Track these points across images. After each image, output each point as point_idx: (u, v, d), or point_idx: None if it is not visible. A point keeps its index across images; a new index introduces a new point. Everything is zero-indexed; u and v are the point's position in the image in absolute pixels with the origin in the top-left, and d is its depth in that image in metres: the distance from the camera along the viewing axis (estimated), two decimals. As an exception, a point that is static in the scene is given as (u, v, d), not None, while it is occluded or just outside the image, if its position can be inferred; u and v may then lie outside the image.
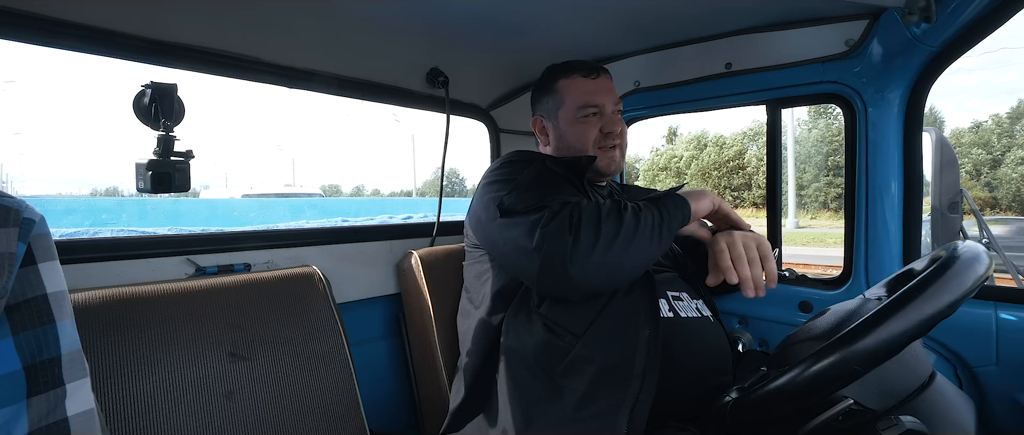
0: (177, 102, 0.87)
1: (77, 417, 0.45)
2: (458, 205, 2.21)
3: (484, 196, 0.95)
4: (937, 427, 0.69)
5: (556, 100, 1.11)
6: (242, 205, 11.90)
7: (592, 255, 0.78)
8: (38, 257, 0.46)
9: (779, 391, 0.66)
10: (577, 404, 0.81)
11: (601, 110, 1.07)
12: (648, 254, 0.83)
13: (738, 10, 1.14)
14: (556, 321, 0.88)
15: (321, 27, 1.06)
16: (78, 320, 0.49)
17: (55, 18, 0.84)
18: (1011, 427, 1.03)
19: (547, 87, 1.14)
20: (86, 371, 0.48)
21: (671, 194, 0.90)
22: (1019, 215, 20.12)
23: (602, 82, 1.09)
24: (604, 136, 1.07)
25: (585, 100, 1.07)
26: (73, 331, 0.48)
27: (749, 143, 27.02)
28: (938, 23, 0.91)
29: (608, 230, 0.79)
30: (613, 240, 0.79)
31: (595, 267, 0.78)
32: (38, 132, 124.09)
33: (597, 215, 0.80)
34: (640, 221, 0.81)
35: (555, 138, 1.13)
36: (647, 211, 0.84)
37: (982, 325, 1.04)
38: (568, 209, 0.81)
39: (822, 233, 16.05)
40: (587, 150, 1.07)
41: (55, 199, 16.79)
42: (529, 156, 1.02)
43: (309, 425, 0.90)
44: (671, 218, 0.85)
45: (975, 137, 22.53)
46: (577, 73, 1.09)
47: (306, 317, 0.97)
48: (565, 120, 1.10)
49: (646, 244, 0.81)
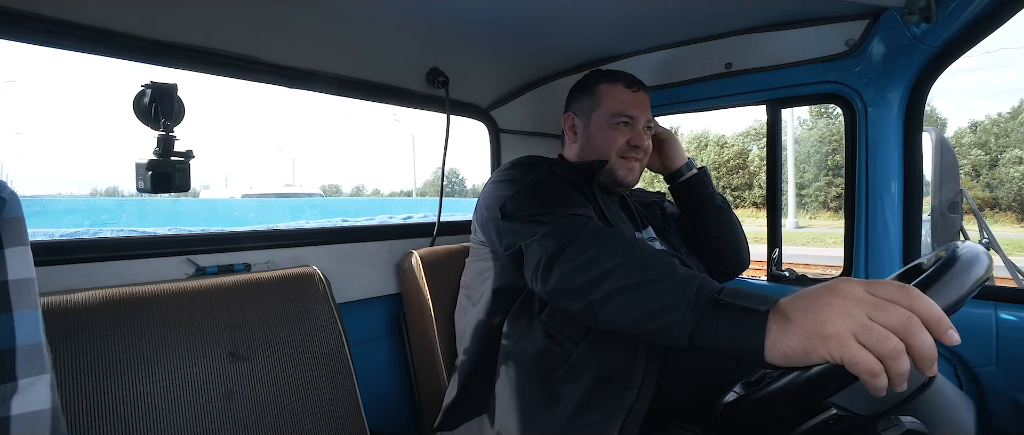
0: (177, 102, 0.87)
1: (23, 417, 0.41)
2: (458, 205, 2.21)
3: (490, 195, 0.96)
4: (937, 427, 0.69)
5: (593, 102, 1.12)
6: (241, 205, 11.90)
7: (571, 284, 0.73)
8: (5, 242, 0.43)
9: (780, 392, 0.66)
10: (572, 412, 0.81)
11: (633, 122, 1.09)
12: (637, 328, 0.66)
13: (738, 10, 1.14)
14: (556, 328, 0.88)
15: (321, 27, 1.06)
16: (78, 320, 0.47)
17: (55, 18, 0.84)
18: (1011, 427, 1.03)
19: (588, 88, 1.14)
20: (46, 367, 0.43)
21: (735, 304, 0.59)
22: (1019, 215, 20.15)
23: (640, 97, 1.10)
24: (630, 147, 1.08)
25: (621, 108, 1.08)
26: (35, 323, 0.43)
27: (751, 143, 27.04)
28: (938, 23, 0.91)
29: (593, 269, 0.70)
30: (594, 283, 0.70)
31: (569, 297, 0.74)
32: (38, 132, 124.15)
33: (591, 246, 0.74)
34: (652, 294, 0.65)
35: (582, 138, 1.14)
36: (678, 298, 0.62)
37: (982, 325, 1.04)
38: (567, 228, 0.80)
39: (821, 233, 16.07)
40: (611, 156, 1.08)
41: (55, 199, 16.78)
42: (538, 161, 1.02)
43: (309, 425, 0.90)
44: (705, 333, 0.59)
45: (974, 138, 22.55)
46: (621, 82, 1.10)
47: (306, 317, 0.97)
48: (597, 122, 1.10)
49: (637, 318, 0.65)
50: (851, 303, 0.51)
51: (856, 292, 0.52)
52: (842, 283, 0.54)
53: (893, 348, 0.49)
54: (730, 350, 0.57)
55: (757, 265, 1.21)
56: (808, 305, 0.54)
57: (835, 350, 0.50)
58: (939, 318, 0.49)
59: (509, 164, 1.02)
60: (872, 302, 0.51)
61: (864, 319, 0.50)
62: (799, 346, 0.53)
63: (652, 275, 0.66)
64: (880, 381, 0.49)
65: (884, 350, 0.49)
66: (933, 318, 0.49)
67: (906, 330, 0.49)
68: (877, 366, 0.49)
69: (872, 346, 0.49)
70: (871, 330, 0.49)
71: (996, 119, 22.66)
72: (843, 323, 0.50)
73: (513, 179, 0.96)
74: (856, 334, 0.50)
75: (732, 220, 1.18)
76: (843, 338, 0.50)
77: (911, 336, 0.49)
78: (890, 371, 0.49)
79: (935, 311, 0.50)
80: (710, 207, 1.15)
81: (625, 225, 1.02)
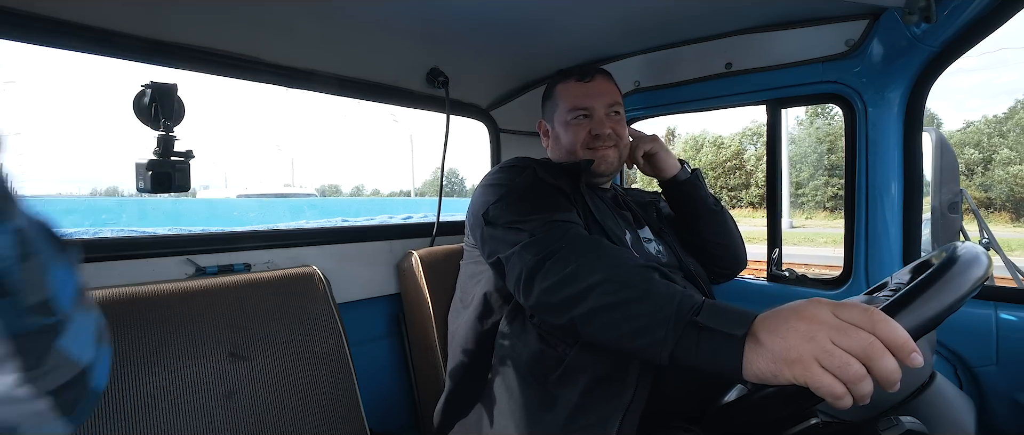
0: (177, 102, 0.87)
1: None
2: (458, 205, 2.21)
3: (477, 199, 0.97)
4: (937, 427, 0.69)
5: (553, 104, 1.14)
6: (239, 205, 11.93)
7: (552, 299, 0.74)
8: None
9: (779, 393, 0.66)
10: (568, 416, 0.81)
11: (591, 113, 1.08)
12: (620, 345, 0.67)
13: (738, 10, 1.14)
14: (550, 331, 0.87)
15: (321, 27, 1.06)
16: None
17: (55, 18, 0.84)
18: (1011, 427, 1.03)
19: (548, 92, 1.16)
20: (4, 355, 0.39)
21: (719, 313, 0.60)
22: (1013, 216, 20.19)
23: (595, 85, 1.09)
24: (592, 138, 1.08)
25: (574, 103, 1.09)
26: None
27: (747, 143, 27.09)
28: (938, 23, 0.91)
29: (574, 285, 0.70)
30: (575, 300, 0.70)
31: (551, 312, 0.75)
32: (38, 132, 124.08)
33: (571, 258, 0.73)
34: (630, 308, 0.65)
35: (553, 140, 1.16)
36: (660, 307, 0.63)
37: (982, 325, 1.04)
38: (547, 238, 0.80)
39: (814, 233, 16.37)
40: (577, 152, 1.08)
41: (55, 199, 16.77)
42: (524, 162, 1.02)
43: (309, 425, 0.90)
44: (686, 352, 0.60)
45: (963, 137, 22.60)
46: (571, 78, 1.11)
47: (306, 317, 0.97)
48: (559, 122, 1.12)
49: (618, 336, 0.66)
50: (816, 327, 0.52)
51: (822, 315, 0.53)
52: (811, 305, 0.55)
53: (854, 373, 0.49)
54: (710, 368, 0.58)
55: (757, 265, 1.21)
56: (776, 327, 0.54)
57: (800, 374, 0.51)
58: (903, 342, 0.49)
59: (497, 167, 1.03)
60: (837, 326, 0.52)
61: (827, 344, 0.51)
62: (767, 369, 0.54)
63: (632, 293, 0.66)
64: (844, 402, 0.50)
65: (846, 375, 0.49)
66: (896, 343, 0.50)
67: (867, 355, 0.49)
68: (840, 389, 0.50)
69: (834, 371, 0.50)
70: (833, 355, 0.50)
71: (990, 119, 22.73)
72: (807, 348, 0.51)
73: (498, 183, 0.96)
74: (819, 359, 0.51)
75: (726, 222, 1.17)
76: (806, 363, 0.51)
77: (873, 361, 0.49)
78: (853, 393, 0.50)
79: (898, 335, 0.50)
80: (703, 210, 1.15)
81: (617, 225, 1.01)
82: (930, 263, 0.77)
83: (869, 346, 0.49)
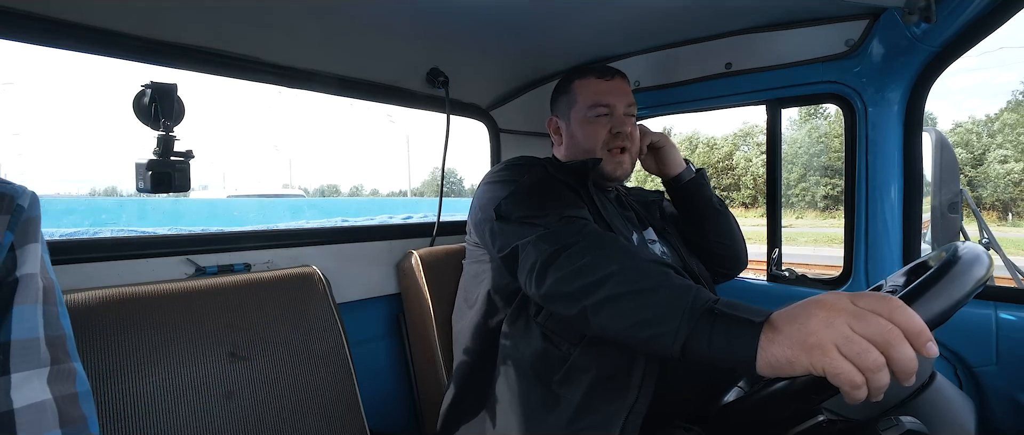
0: (177, 102, 0.87)
1: (26, 409, 0.41)
2: (458, 205, 2.21)
3: (484, 195, 0.95)
4: (937, 427, 0.69)
5: (570, 99, 1.12)
6: (236, 205, 11.98)
7: (566, 288, 0.73)
8: (17, 242, 0.44)
9: (782, 392, 0.66)
10: (572, 415, 0.81)
11: (611, 110, 1.07)
12: (630, 335, 0.66)
13: (738, 10, 1.14)
14: (554, 330, 0.87)
15: (321, 27, 1.06)
16: (78, 320, 0.47)
17: (55, 18, 0.84)
18: (1011, 427, 1.03)
19: (564, 88, 1.14)
20: (43, 362, 0.44)
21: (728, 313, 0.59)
22: (1002, 215, 20.25)
23: (616, 84, 1.09)
24: (613, 136, 1.06)
25: (596, 99, 1.07)
26: (35, 317, 0.44)
27: (739, 143, 27.21)
28: (938, 23, 0.91)
29: (589, 275, 0.70)
30: (589, 289, 0.69)
31: (563, 301, 0.74)
32: (37, 132, 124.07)
33: (588, 251, 0.73)
34: (641, 302, 0.65)
35: (567, 137, 1.13)
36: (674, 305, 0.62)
37: (982, 325, 1.04)
38: (563, 231, 0.79)
39: (797, 233, 16.87)
40: (595, 150, 1.06)
41: (55, 199, 16.75)
42: (532, 161, 1.02)
43: (309, 425, 0.90)
44: (698, 343, 0.59)
45: (956, 138, 22.69)
46: (592, 74, 1.10)
47: (306, 317, 0.97)
48: (576, 119, 1.10)
49: (630, 325, 0.65)
50: (835, 313, 0.52)
51: (841, 303, 0.53)
52: (829, 295, 0.55)
53: (874, 361, 0.49)
54: (722, 360, 0.57)
55: (757, 265, 1.21)
56: (795, 315, 0.54)
57: (817, 361, 0.50)
58: (920, 330, 0.49)
59: (503, 164, 1.02)
60: (855, 313, 0.51)
61: (846, 330, 0.50)
62: (784, 356, 0.53)
63: (648, 283, 0.66)
64: (860, 393, 0.49)
65: (865, 363, 0.49)
66: (913, 330, 0.49)
67: (886, 342, 0.49)
68: (859, 378, 0.49)
69: (853, 358, 0.49)
70: (853, 342, 0.50)
71: (980, 120, 22.87)
72: (826, 334, 0.51)
73: (508, 179, 0.95)
74: (838, 345, 0.50)
75: (731, 222, 1.17)
76: (826, 348, 0.50)
77: (891, 348, 0.49)
78: (870, 384, 0.49)
79: (915, 323, 0.49)
80: (709, 210, 1.15)
81: (623, 225, 1.01)
82: (928, 265, 0.77)
83: (888, 332, 0.49)
